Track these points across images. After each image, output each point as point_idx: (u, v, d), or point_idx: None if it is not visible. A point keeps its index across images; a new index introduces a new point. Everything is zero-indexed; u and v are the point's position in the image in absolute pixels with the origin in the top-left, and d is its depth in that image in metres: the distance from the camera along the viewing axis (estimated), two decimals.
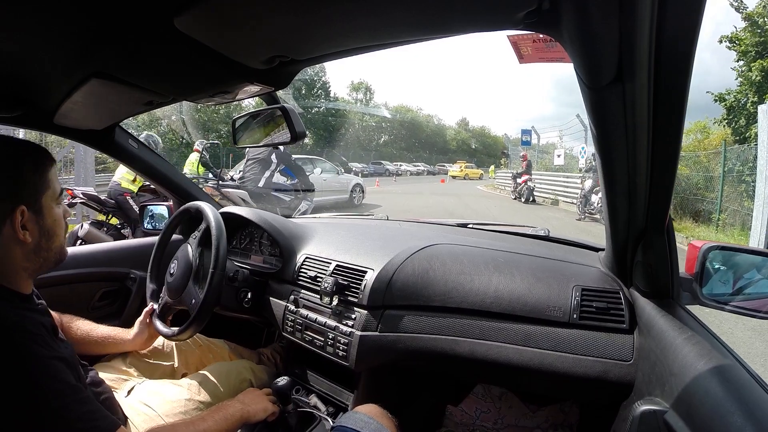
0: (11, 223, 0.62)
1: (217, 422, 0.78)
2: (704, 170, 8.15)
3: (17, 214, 0.63)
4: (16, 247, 0.64)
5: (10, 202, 0.62)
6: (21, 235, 0.63)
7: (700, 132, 10.72)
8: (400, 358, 0.95)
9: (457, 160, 32.23)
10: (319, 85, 30.36)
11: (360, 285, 1.00)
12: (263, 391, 0.95)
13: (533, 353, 0.85)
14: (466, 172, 27.94)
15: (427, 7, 0.47)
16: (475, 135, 49.44)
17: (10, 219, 0.62)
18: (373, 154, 32.98)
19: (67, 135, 1.13)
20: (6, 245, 0.63)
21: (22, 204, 0.63)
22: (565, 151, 14.34)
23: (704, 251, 0.76)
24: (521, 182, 11.82)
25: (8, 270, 0.65)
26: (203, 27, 0.53)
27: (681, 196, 8.05)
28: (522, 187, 11.74)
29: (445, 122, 50.11)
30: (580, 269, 0.97)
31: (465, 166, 29.15)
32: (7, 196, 0.62)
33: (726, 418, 0.48)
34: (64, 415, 0.56)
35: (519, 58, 0.65)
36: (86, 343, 0.99)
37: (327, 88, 31.33)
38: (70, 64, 0.69)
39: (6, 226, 0.62)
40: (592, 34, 0.41)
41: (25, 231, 0.64)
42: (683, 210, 8.04)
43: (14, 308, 0.63)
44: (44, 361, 0.58)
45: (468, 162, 32.06)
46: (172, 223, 1.22)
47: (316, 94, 30.18)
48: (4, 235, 0.62)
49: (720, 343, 0.64)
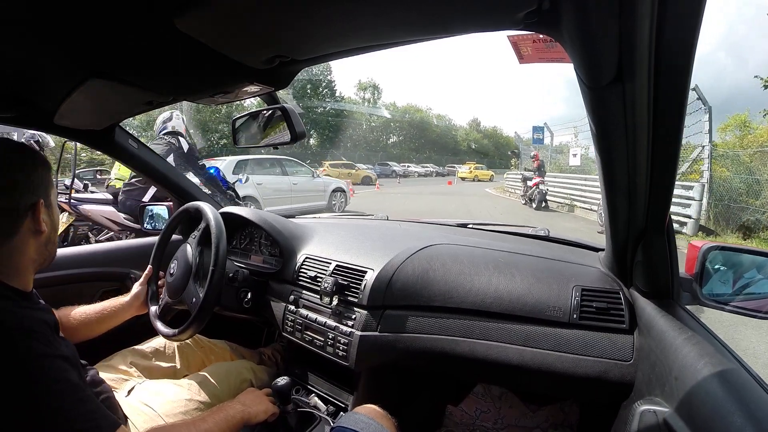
0: (33, 214, 0.66)
1: (217, 423, 0.78)
2: (747, 172, 6.84)
3: (39, 205, 0.66)
4: (32, 239, 0.67)
5: (34, 194, 0.66)
6: (42, 226, 0.67)
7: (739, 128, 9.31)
8: (400, 358, 0.95)
9: (467, 161, 31.28)
10: (325, 84, 29.90)
11: (360, 285, 1.00)
12: (263, 392, 0.95)
13: (533, 353, 0.85)
14: (475, 174, 26.88)
15: (427, 8, 0.47)
16: (487, 135, 47.95)
17: (33, 211, 0.66)
18: (380, 155, 32.25)
19: (67, 135, 1.14)
20: (24, 238, 0.66)
21: (41, 197, 0.67)
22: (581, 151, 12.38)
23: (704, 251, 0.76)
24: (532, 185, 10.56)
25: (19, 264, 0.67)
26: (203, 27, 0.53)
27: (722, 203, 6.78)
28: (533, 191, 10.43)
29: (456, 122, 48.98)
30: (580, 269, 0.97)
31: (474, 167, 28.05)
32: (32, 189, 0.66)
33: (726, 418, 0.48)
34: (65, 415, 0.56)
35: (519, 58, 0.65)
36: (87, 326, 1.00)
37: (333, 88, 30.86)
38: (70, 64, 0.69)
39: (28, 219, 0.66)
40: (592, 34, 0.41)
41: (44, 223, 0.68)
42: (726, 221, 6.70)
43: (16, 306, 0.63)
44: (46, 360, 0.58)
45: (478, 163, 30.96)
46: (172, 223, 1.22)
47: (322, 93, 29.73)
48: (24, 228, 0.66)
49: (720, 344, 0.64)
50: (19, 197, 0.65)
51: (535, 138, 15.20)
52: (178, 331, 1.00)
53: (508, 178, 17.26)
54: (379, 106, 37.49)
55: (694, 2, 0.37)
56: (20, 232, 0.65)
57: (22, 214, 0.65)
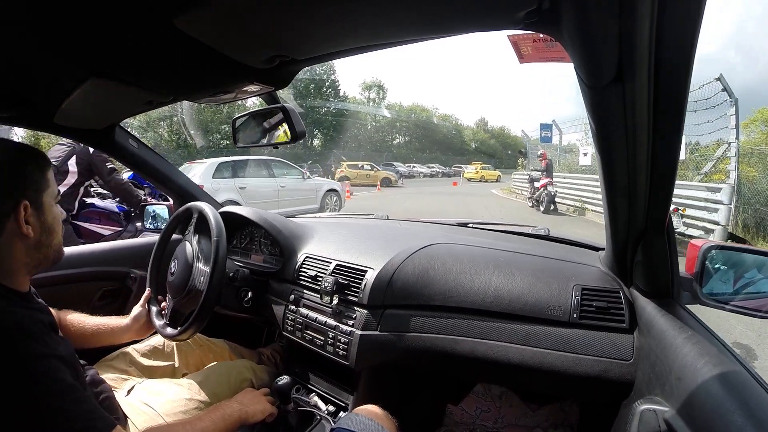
0: (15, 217, 0.65)
1: (214, 422, 0.78)
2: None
3: (21, 208, 0.65)
4: (19, 242, 0.66)
5: (15, 197, 0.65)
6: (24, 230, 0.66)
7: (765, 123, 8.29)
8: (400, 357, 0.95)
9: (473, 161, 30.36)
10: (329, 84, 29.32)
11: (360, 284, 1.00)
12: (261, 391, 0.95)
13: (533, 352, 0.85)
14: (482, 174, 25.73)
15: (427, 7, 0.47)
16: (495, 135, 47.12)
17: (14, 213, 0.65)
18: (385, 155, 31.39)
19: (67, 135, 1.14)
20: (9, 240, 0.65)
21: (26, 199, 0.66)
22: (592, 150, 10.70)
23: (704, 251, 0.76)
24: (540, 186, 9.78)
25: (9, 266, 0.66)
26: (203, 27, 0.53)
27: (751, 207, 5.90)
28: (541, 193, 9.68)
29: (463, 122, 47.96)
30: (581, 269, 0.97)
31: (481, 168, 26.96)
32: (13, 191, 0.65)
33: (726, 417, 0.48)
34: (62, 415, 0.56)
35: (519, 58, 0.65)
36: (81, 336, 0.98)
37: (337, 87, 30.26)
38: (70, 64, 0.69)
39: (10, 221, 0.65)
40: (592, 34, 0.41)
41: (28, 226, 0.66)
42: (756, 228, 5.86)
43: (12, 306, 0.63)
44: (42, 360, 0.58)
45: (485, 163, 29.79)
46: (172, 223, 1.23)
47: (326, 93, 29.19)
48: (8, 230, 0.65)
49: (720, 343, 0.64)
50: (1, 199, 0.63)
51: (543, 136, 13.98)
52: (179, 331, 1.00)
53: (514, 178, 16.38)
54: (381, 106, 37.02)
55: (694, 2, 0.37)
56: (4, 234, 0.64)
57: (4, 216, 0.64)
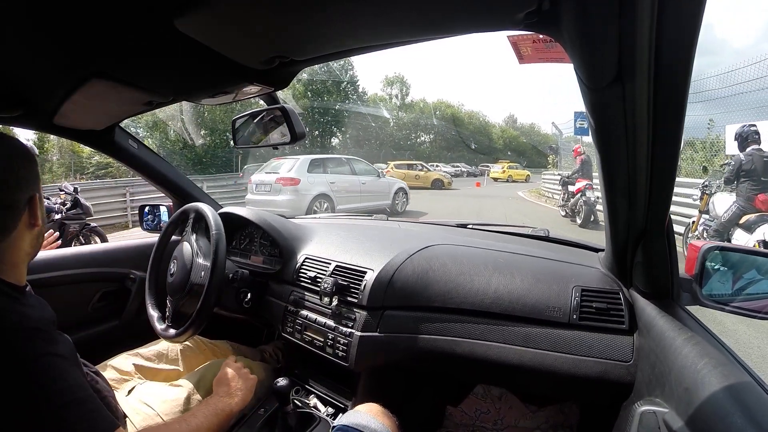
0: (30, 209, 0.66)
1: (207, 417, 0.80)
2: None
3: (36, 200, 0.67)
4: (28, 233, 0.68)
5: (31, 189, 0.67)
6: (35, 221, 0.67)
7: None
8: (399, 358, 0.95)
9: (500, 160, 28.65)
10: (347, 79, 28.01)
11: (360, 285, 1.00)
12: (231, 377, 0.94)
13: (533, 354, 0.85)
14: (509, 173, 23.36)
15: (427, 8, 0.47)
16: (524, 133, 44.46)
17: (30, 205, 0.66)
18: (407, 153, 30.34)
19: (67, 135, 1.14)
20: (21, 232, 0.66)
21: (36, 191, 0.68)
22: None
23: (704, 251, 0.76)
24: (575, 191, 7.32)
25: (16, 258, 0.67)
26: (203, 27, 0.53)
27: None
28: (577, 200, 7.23)
29: (490, 119, 45.24)
30: (580, 270, 0.97)
31: (508, 167, 24.51)
32: (29, 184, 0.67)
33: (726, 418, 0.48)
34: (64, 415, 0.56)
35: (519, 59, 0.65)
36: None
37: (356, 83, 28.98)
38: (70, 64, 0.70)
39: (25, 213, 0.66)
40: (592, 35, 0.41)
41: (38, 216, 0.68)
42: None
43: (13, 303, 0.63)
44: (44, 359, 0.58)
45: (512, 162, 27.44)
46: (171, 224, 1.22)
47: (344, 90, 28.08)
48: (22, 222, 0.66)
49: (720, 344, 0.64)
50: (20, 192, 0.65)
51: (578, 127, 11.62)
52: (178, 332, 1.00)
53: (544, 179, 14.34)
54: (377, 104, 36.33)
55: (694, 2, 0.37)
56: (18, 227, 0.66)
57: (22, 208, 0.65)
